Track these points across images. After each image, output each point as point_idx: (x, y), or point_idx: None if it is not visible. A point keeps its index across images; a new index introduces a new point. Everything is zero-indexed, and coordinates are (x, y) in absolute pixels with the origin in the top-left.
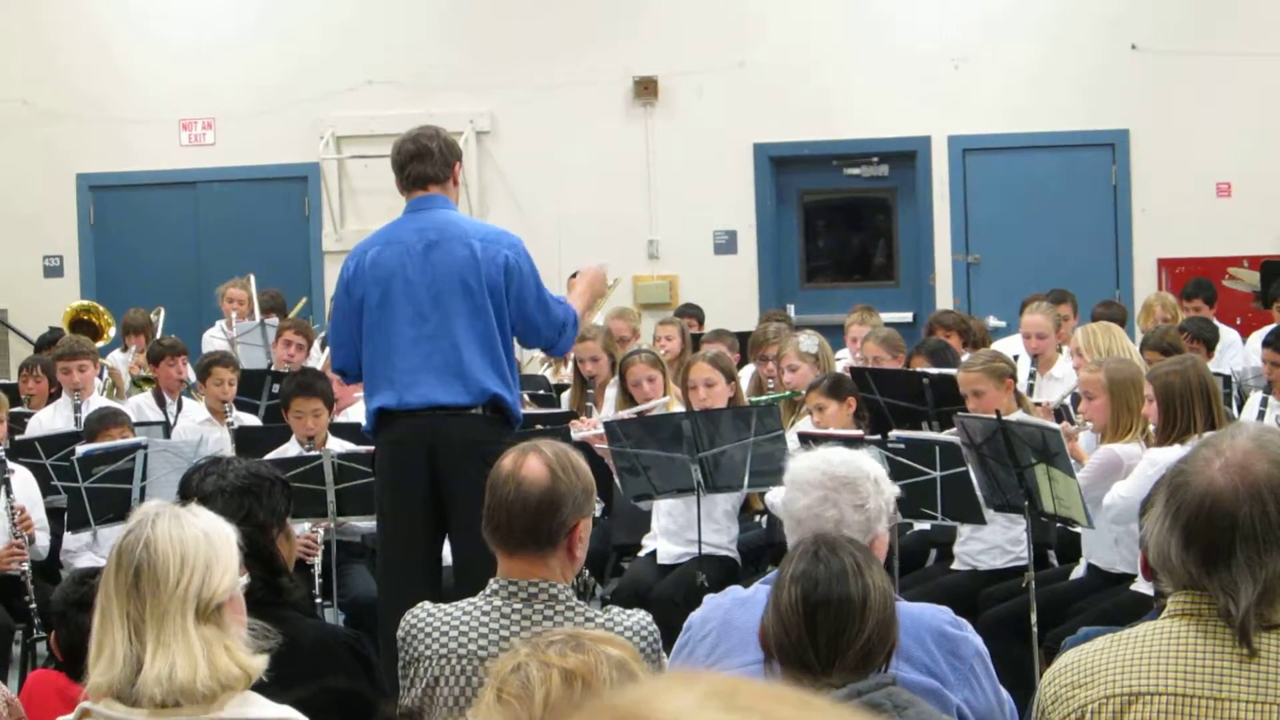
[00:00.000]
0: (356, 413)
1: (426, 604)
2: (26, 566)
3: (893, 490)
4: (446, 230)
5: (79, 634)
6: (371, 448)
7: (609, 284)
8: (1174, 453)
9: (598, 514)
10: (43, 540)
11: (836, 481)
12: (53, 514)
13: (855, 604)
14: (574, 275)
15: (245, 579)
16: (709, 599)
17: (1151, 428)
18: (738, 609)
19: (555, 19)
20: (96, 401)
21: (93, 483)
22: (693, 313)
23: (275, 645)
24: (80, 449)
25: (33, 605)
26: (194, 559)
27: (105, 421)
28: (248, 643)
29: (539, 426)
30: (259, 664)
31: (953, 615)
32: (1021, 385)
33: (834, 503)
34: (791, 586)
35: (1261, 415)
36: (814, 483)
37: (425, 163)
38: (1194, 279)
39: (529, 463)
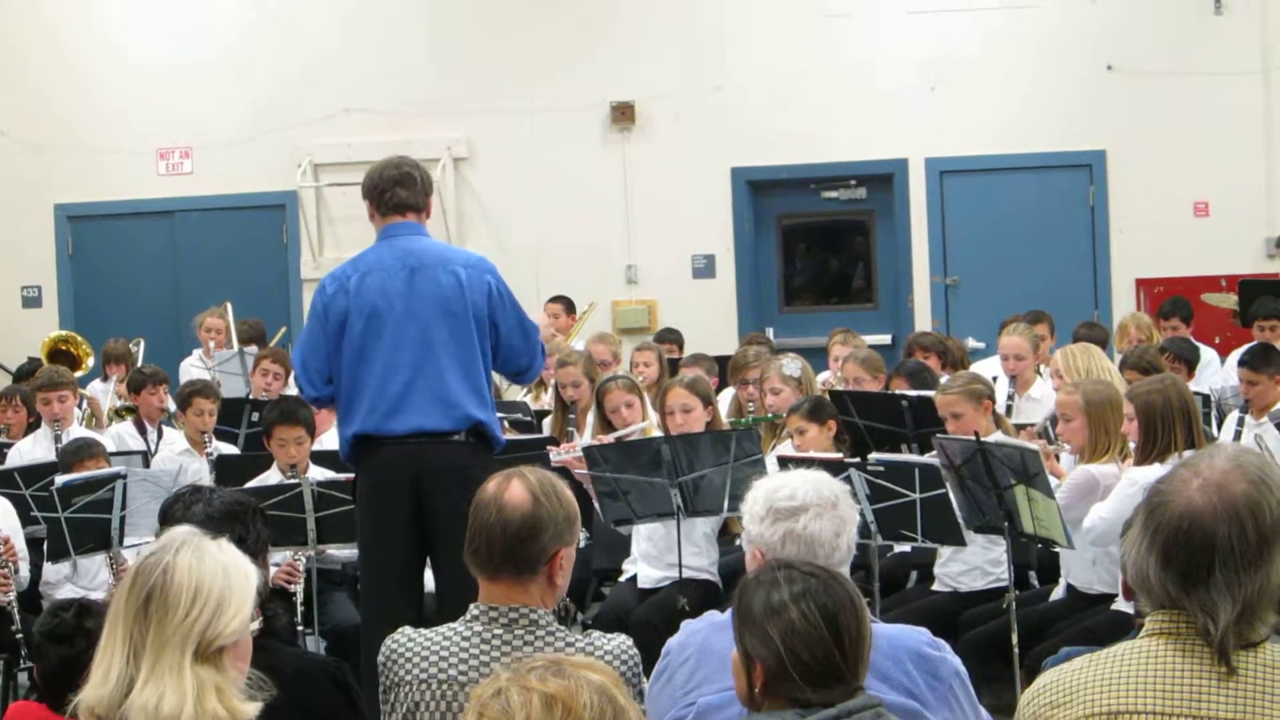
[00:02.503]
0: (332, 440)
1: (407, 629)
2: (12, 596)
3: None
4: (429, 257)
5: (55, 665)
6: (351, 475)
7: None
8: (1154, 472)
9: (581, 543)
10: (24, 571)
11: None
12: (32, 544)
13: (859, 604)
14: (553, 300)
15: (258, 624)
16: (686, 624)
17: (1131, 446)
18: (715, 634)
19: (532, 45)
20: (76, 432)
21: (72, 513)
22: (672, 337)
23: (270, 698)
24: (60, 479)
25: (19, 635)
26: (207, 595)
27: (81, 452)
28: (242, 689)
29: (513, 454)
30: (250, 711)
31: (930, 636)
32: (1000, 406)
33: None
34: (798, 604)
35: (1238, 435)
36: (825, 504)
37: (408, 189)
38: (1170, 299)
39: (512, 488)
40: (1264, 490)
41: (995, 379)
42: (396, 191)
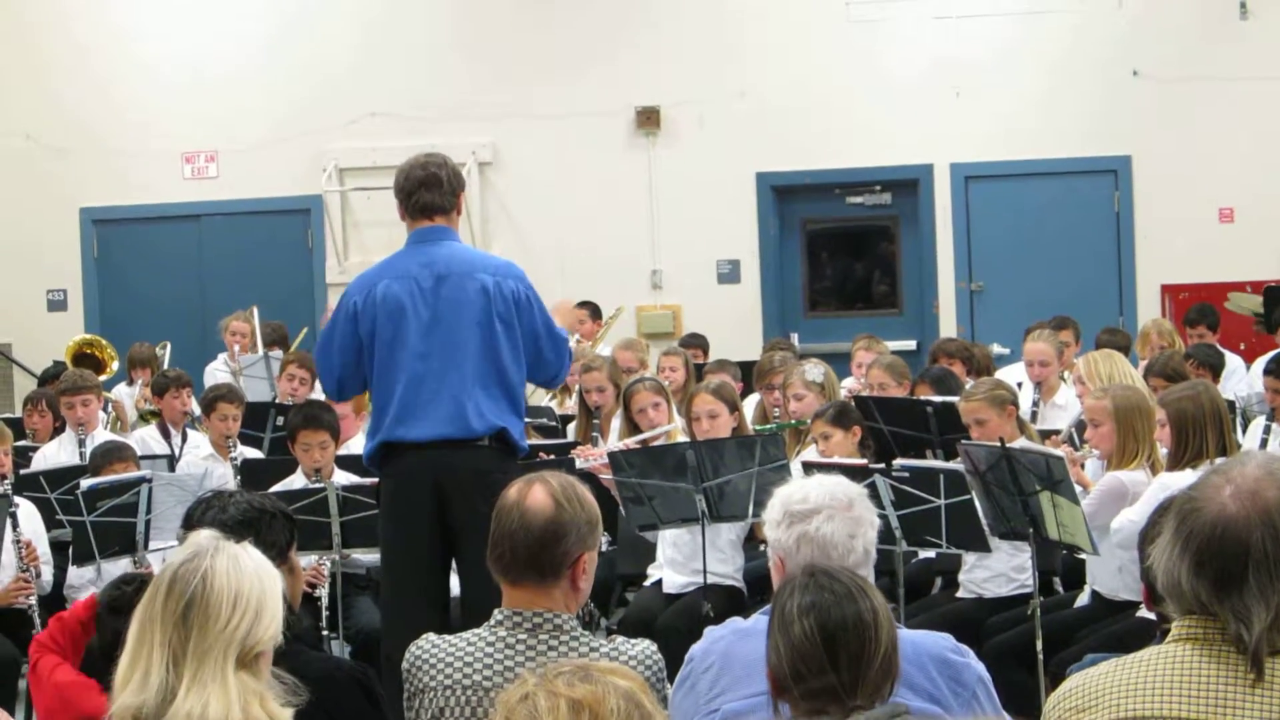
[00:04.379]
0: (358, 445)
1: (431, 635)
2: (33, 600)
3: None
4: (456, 264)
5: (109, 639)
6: (376, 480)
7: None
8: (1186, 477)
9: (603, 548)
10: (47, 574)
11: (857, 510)
12: (57, 548)
13: (869, 622)
14: (579, 305)
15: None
16: (709, 631)
17: (1162, 452)
18: (739, 641)
19: (557, 50)
20: (101, 435)
21: (97, 516)
22: (697, 343)
23: (303, 701)
24: (85, 483)
25: None
26: (246, 602)
27: (110, 456)
28: (277, 693)
29: (543, 456)
30: (287, 716)
31: (954, 642)
32: (1025, 413)
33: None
34: (803, 619)
35: (1265, 442)
36: (839, 506)
37: (434, 192)
38: (1196, 305)
39: (533, 493)
40: None
41: (1020, 385)
42: (422, 194)
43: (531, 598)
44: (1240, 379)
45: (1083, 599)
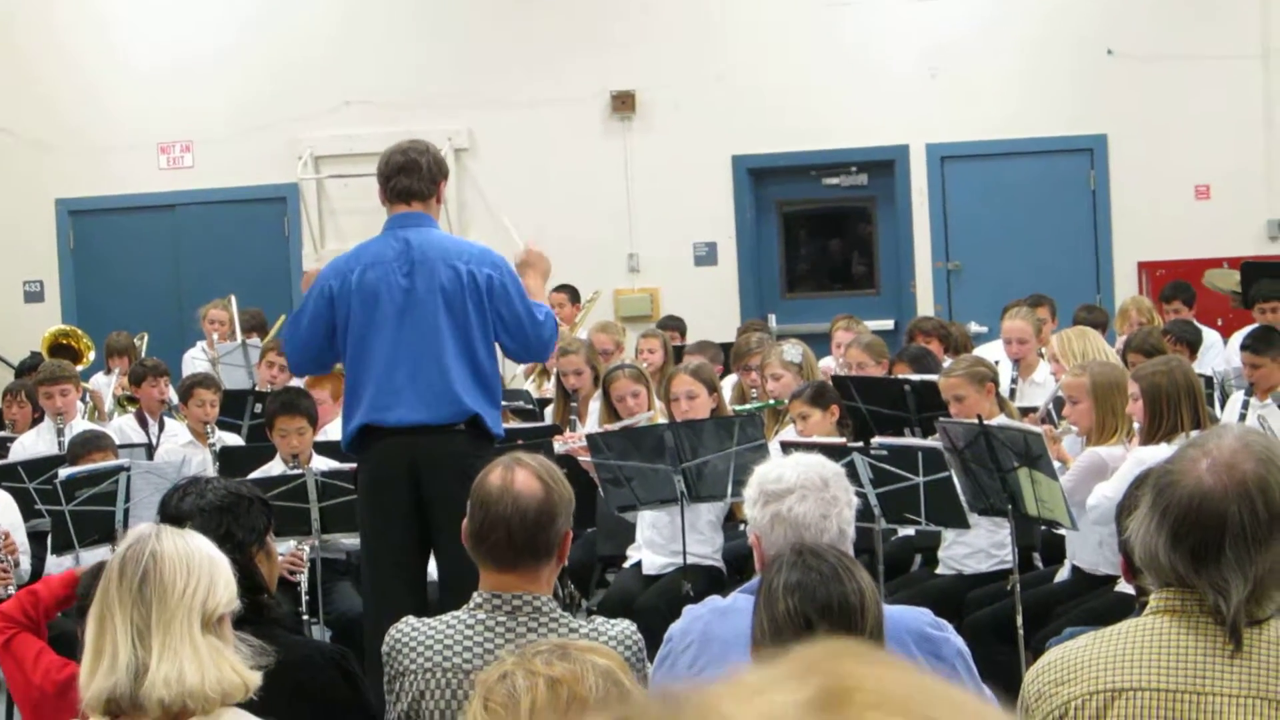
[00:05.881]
0: (336, 430)
1: (411, 619)
2: (12, 590)
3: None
4: (431, 250)
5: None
6: (354, 465)
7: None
8: (1160, 452)
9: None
10: (25, 564)
11: (832, 489)
12: (36, 538)
13: (854, 604)
14: (558, 289)
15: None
16: (688, 610)
17: (1135, 427)
18: (717, 620)
19: (532, 35)
20: (79, 425)
21: (76, 505)
22: (674, 325)
23: (270, 663)
24: (63, 472)
25: None
26: (199, 567)
27: (89, 445)
28: (245, 657)
29: (520, 441)
30: (256, 679)
31: (933, 617)
32: (1003, 390)
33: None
34: (787, 597)
35: (1243, 416)
36: (812, 486)
37: (412, 177)
38: (1172, 282)
39: (519, 477)
40: (1272, 469)
41: (998, 363)
42: (400, 179)
43: (519, 581)
44: (1217, 354)
45: (1062, 574)
